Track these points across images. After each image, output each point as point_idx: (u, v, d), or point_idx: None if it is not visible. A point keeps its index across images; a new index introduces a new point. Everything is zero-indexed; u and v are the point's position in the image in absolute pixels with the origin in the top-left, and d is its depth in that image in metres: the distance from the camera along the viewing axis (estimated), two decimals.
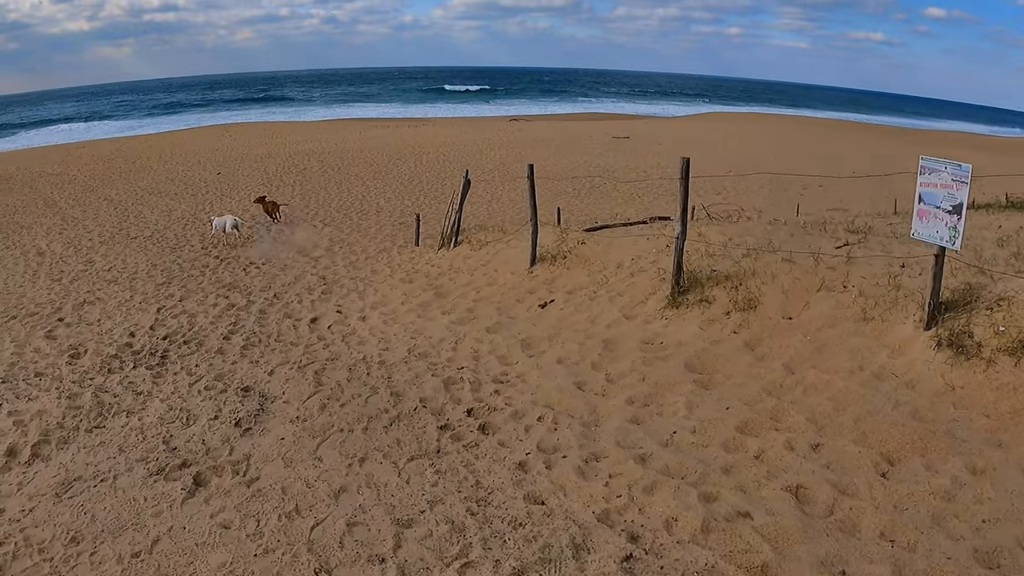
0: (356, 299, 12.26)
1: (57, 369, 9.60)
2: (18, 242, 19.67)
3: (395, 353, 9.14)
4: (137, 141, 47.32)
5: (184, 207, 22.93)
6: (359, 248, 16.54)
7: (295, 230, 18.55)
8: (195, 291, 13.35)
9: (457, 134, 43.44)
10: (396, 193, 24.37)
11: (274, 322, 11.10)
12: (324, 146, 37.75)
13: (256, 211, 20.75)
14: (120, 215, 22.40)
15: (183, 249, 17.32)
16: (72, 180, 30.54)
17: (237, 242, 17.94)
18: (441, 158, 32.19)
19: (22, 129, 65.55)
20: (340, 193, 24.35)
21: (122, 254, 17.24)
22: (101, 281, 14.76)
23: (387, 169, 29.35)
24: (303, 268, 14.82)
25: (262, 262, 15.43)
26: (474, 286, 11.92)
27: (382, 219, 20.12)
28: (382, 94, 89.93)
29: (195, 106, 79.12)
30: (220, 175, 29.27)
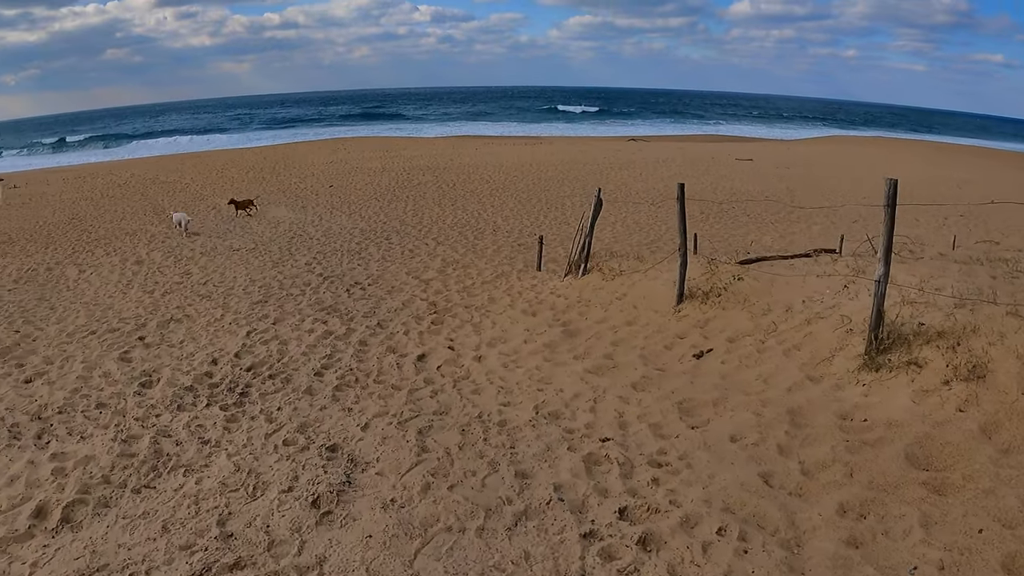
0: (471, 332, 10.69)
1: (122, 401, 8.39)
2: (119, 249, 19.20)
3: (519, 410, 7.46)
4: (252, 153, 48.03)
5: (292, 219, 22.14)
6: (475, 271, 15.06)
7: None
8: (291, 313, 12.11)
9: (574, 153, 41.89)
10: (513, 212, 22.92)
11: (375, 357, 9.63)
12: (439, 162, 36.90)
13: (231, 210, 23.72)
14: (226, 225, 21.79)
15: (285, 264, 16.27)
16: (184, 188, 30.57)
17: (189, 232, 20.74)
18: (559, 177, 30.62)
19: (142, 139, 68.34)
20: (455, 210, 23.10)
21: (221, 267, 16.35)
22: (194, 296, 13.78)
23: (504, 187, 28.01)
24: (412, 292, 13.41)
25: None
26: (610, 325, 10.17)
27: (499, 239, 18.66)
28: (496, 112, 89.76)
29: (310, 121, 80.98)
30: (332, 188, 28.62)
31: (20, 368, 10.05)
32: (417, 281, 14.31)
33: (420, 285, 13.97)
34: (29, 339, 11.54)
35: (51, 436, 7.52)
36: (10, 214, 26.87)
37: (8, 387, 9.25)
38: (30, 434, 7.61)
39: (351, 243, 18.44)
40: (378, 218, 21.98)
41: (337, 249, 17.76)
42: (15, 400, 8.71)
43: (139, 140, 67.82)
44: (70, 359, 10.24)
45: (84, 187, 33.33)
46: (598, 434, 6.73)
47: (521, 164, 35.37)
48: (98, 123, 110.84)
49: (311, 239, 19.16)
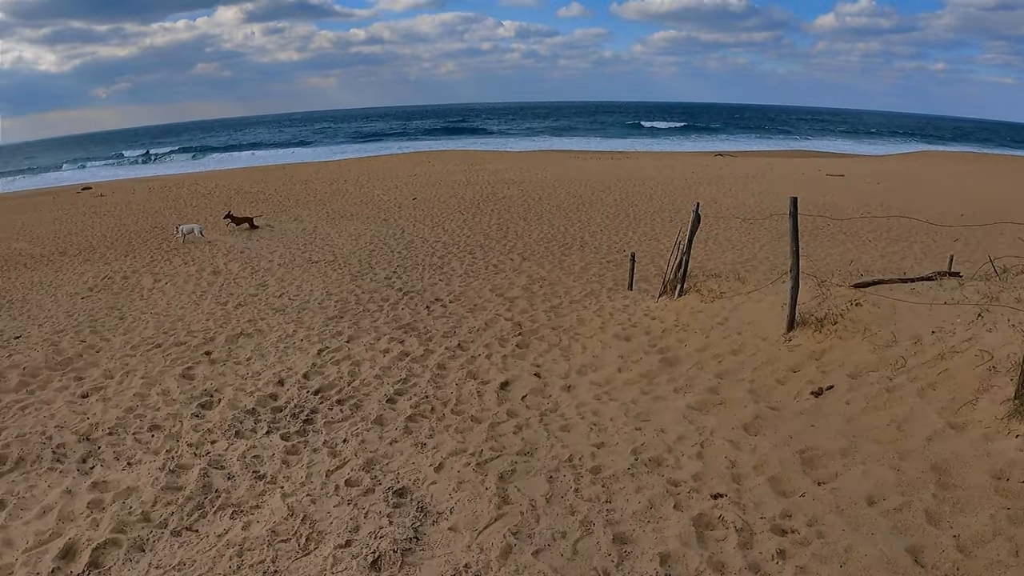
0: (559, 358, 9.75)
1: (177, 423, 7.77)
2: (197, 258, 18.98)
3: (614, 454, 6.49)
4: (336, 165, 48.33)
5: (374, 232, 21.64)
6: (562, 289, 14.14)
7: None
8: (367, 331, 11.41)
9: (660, 167, 40.58)
10: (601, 227, 21.93)
11: (454, 383, 8.79)
12: (524, 176, 36.18)
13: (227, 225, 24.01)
14: (307, 236, 21.44)
15: (364, 278, 15.67)
16: (266, 199, 30.60)
17: (199, 241, 21.57)
18: (646, 192, 29.46)
19: (228, 151, 69.92)
20: (540, 224, 22.25)
21: (298, 279, 15.86)
22: (268, 309, 13.26)
23: (590, 201, 27.02)
24: (496, 311, 12.57)
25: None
26: (713, 353, 9.10)
27: (587, 255, 17.72)
28: (580, 127, 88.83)
29: (395, 135, 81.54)
30: (416, 200, 28.15)
31: (79, 381, 9.60)
32: (501, 299, 13.48)
33: (504, 303, 13.13)
34: (93, 350, 11.15)
35: (96, 460, 6.93)
36: (95, 222, 27.26)
37: (63, 402, 8.79)
38: (75, 457, 7.05)
39: (433, 257, 17.78)
40: (462, 231, 21.33)
41: (418, 263, 17.12)
42: (67, 417, 8.20)
43: (225, 152, 69.35)
44: (130, 374, 9.74)
45: (168, 197, 33.80)
46: (709, 488, 5.71)
47: (607, 178, 34.34)
48: (185, 135, 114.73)
49: (392, 252, 18.59)
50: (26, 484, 6.52)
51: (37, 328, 13.05)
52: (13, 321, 13.92)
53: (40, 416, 8.34)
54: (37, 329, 12.97)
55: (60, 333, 12.47)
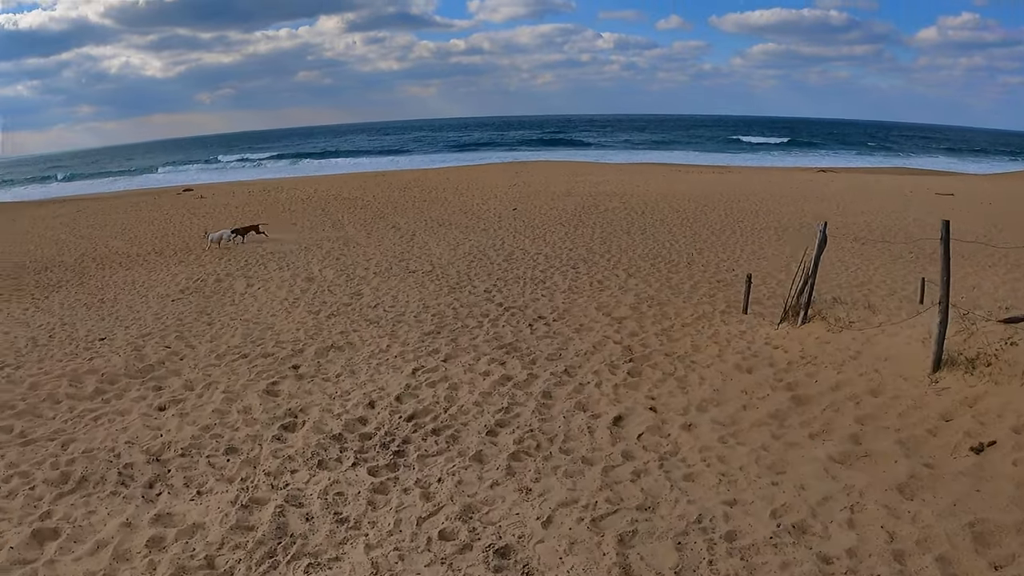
0: (675, 390, 8.70)
1: (257, 446, 7.09)
2: (292, 263, 18.66)
3: (750, 516, 5.45)
4: (435, 173, 48.20)
5: (473, 242, 20.97)
6: (672, 310, 13.06)
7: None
8: (465, 349, 10.60)
9: (763, 183, 38.69)
10: (707, 243, 20.67)
11: (561, 415, 7.85)
12: (625, 188, 35.10)
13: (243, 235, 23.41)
14: (404, 245, 20.93)
15: (463, 290, 14.94)
16: (365, 206, 30.41)
17: (228, 247, 21.91)
18: (751, 208, 27.93)
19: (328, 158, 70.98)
20: (644, 239, 21.16)
21: (394, 289, 15.25)
22: (362, 320, 12.64)
23: (695, 216, 25.74)
24: (603, 332, 11.59)
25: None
26: (849, 393, 7.91)
27: (695, 273, 16.56)
28: (680, 141, 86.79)
29: (493, 144, 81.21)
30: (516, 211, 27.43)
31: (157, 392, 9.10)
32: (608, 319, 12.50)
33: (612, 324, 12.15)
34: (176, 357, 10.70)
35: (164, 486, 6.30)
36: (192, 223, 27.49)
37: (138, 414, 8.27)
38: (141, 480, 6.44)
39: (535, 270, 16.93)
40: (563, 244, 20.44)
41: (519, 276, 16.29)
42: (139, 432, 7.65)
43: (325, 159, 70.30)
44: (212, 386, 9.19)
45: (267, 200, 34.06)
46: (868, 568, 4.64)
47: (710, 193, 32.90)
48: (286, 141, 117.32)
49: (492, 264, 17.84)
50: (85, 509, 5.93)
51: (124, 330, 12.76)
52: (101, 321, 13.72)
53: (112, 429, 7.83)
54: (123, 332, 12.69)
55: (146, 337, 12.13)
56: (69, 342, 12.28)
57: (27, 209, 41.06)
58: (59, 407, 8.79)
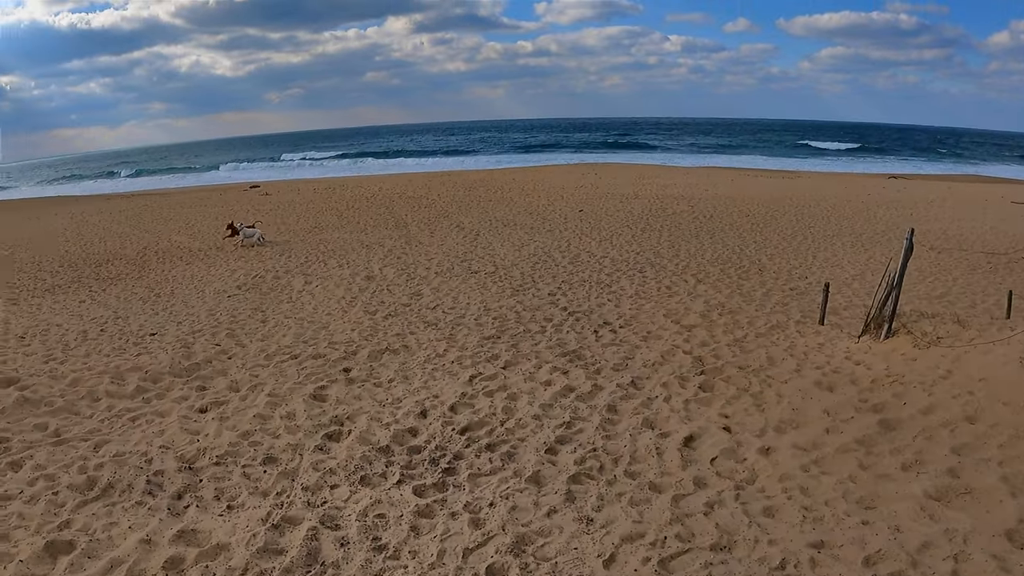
0: (751, 407, 7.95)
1: (297, 457, 6.61)
2: (353, 261, 18.31)
3: (841, 563, 4.75)
4: (501, 173, 47.70)
5: (538, 243, 20.38)
6: (744, 319, 12.26)
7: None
8: (527, 355, 10.01)
9: (833, 188, 36.92)
10: (779, 249, 19.68)
11: (627, 432, 7.19)
12: (692, 191, 34.05)
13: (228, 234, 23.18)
14: (468, 245, 20.43)
15: (526, 292, 14.35)
16: (429, 205, 30.05)
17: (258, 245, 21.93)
18: (822, 213, 26.60)
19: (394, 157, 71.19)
20: (713, 243, 20.27)
21: (455, 290, 14.74)
22: (419, 322, 12.15)
23: (764, 220, 24.65)
24: (672, 341, 10.88)
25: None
26: (943, 418, 7.07)
27: (767, 280, 15.68)
28: (747, 145, 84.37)
29: (560, 146, 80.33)
30: (582, 212, 26.74)
31: (200, 392, 8.72)
32: (677, 327, 11.77)
33: (681, 332, 11.42)
34: (225, 356, 10.35)
35: (193, 498, 5.85)
36: (256, 220, 27.44)
37: (176, 416, 7.87)
38: (170, 490, 6.01)
39: (600, 274, 16.26)
40: (630, 247, 19.71)
41: (585, 280, 15.64)
42: (175, 436, 7.24)
43: (390, 159, 70.52)
44: (257, 388, 8.78)
45: (332, 198, 33.97)
46: None
47: (779, 198, 31.59)
48: (352, 140, 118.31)
49: (557, 266, 17.22)
50: (107, 520, 5.52)
51: (175, 326, 12.50)
52: (155, 316, 13.51)
53: (148, 431, 7.45)
54: (175, 327, 12.43)
55: (196, 334, 11.83)
56: (119, 336, 12.06)
57: (94, 203, 41.80)
58: (97, 405, 8.48)
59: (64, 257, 21.99)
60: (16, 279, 18.90)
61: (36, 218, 34.17)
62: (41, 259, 21.96)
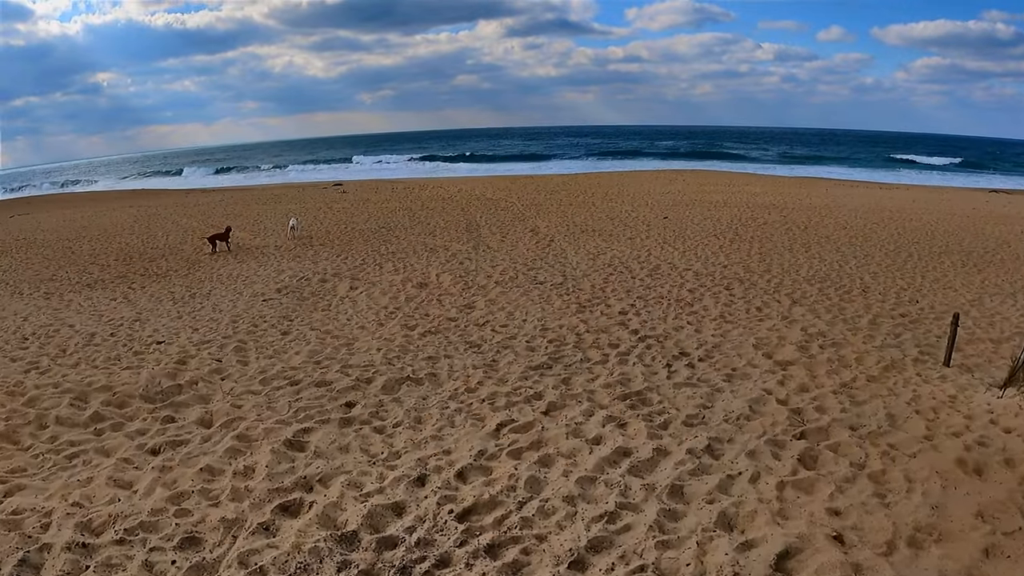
0: (870, 498, 5.56)
1: (227, 540, 4.75)
2: (411, 265, 16.60)
3: None
4: (584, 178, 45.46)
5: (615, 252, 18.21)
6: (851, 354, 9.83)
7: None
8: (577, 396, 7.91)
9: (935, 201, 32.94)
10: (882, 266, 16.93)
11: (692, 538, 4.91)
12: (784, 200, 31.15)
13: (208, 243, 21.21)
14: (539, 251, 18.42)
15: (594, 310, 12.26)
16: (506, 208, 28.15)
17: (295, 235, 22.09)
18: (925, 228, 23.29)
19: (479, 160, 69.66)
20: (809, 258, 17.66)
21: (513, 303, 12.78)
22: (461, 343, 10.28)
23: (863, 234, 21.71)
24: (763, 383, 8.58)
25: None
26: None
27: (872, 303, 13.12)
28: (841, 157, 79.52)
29: (646, 153, 77.15)
30: (667, 219, 24.38)
31: (164, 425, 7.01)
32: (769, 363, 9.43)
33: (773, 371, 9.08)
34: (217, 376, 8.61)
35: None
36: (325, 218, 26.02)
37: (116, 459, 6.09)
38: None
39: (682, 289, 14.01)
40: (716, 260, 17.34)
41: (663, 296, 13.42)
42: (98, 490, 5.53)
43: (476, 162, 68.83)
44: (230, 425, 6.97)
45: (408, 198, 32.47)
46: None
47: (877, 209, 28.33)
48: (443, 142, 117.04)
49: (633, 279, 15.04)
50: None
51: (189, 333, 10.94)
52: (176, 320, 12.07)
53: (73, 479, 5.71)
54: (188, 335, 10.86)
55: (204, 344, 10.19)
56: (124, 343, 10.54)
57: (172, 197, 41.45)
58: (40, 435, 6.85)
59: (122, 251, 20.93)
60: (64, 272, 17.81)
61: (112, 211, 33.66)
62: (99, 252, 20.99)
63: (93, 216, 31.73)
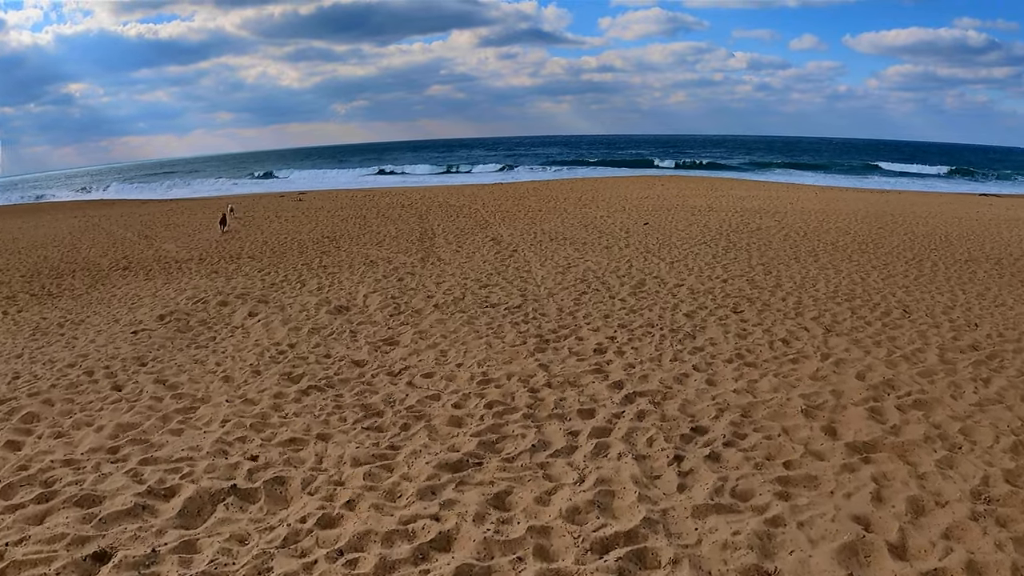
0: None
1: None
2: (338, 283, 13.03)
3: None
4: (557, 183, 41.73)
5: (589, 263, 14.53)
6: (948, 421, 6.09)
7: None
8: (517, 540, 4.23)
9: (936, 206, 29.12)
10: (910, 279, 12.96)
11: None
12: (774, 205, 27.57)
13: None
14: (498, 263, 14.72)
15: (559, 345, 8.61)
16: (469, 215, 24.42)
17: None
18: (939, 232, 19.44)
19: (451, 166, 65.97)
20: (822, 268, 13.95)
21: (451, 336, 9.22)
22: (354, 407, 6.80)
23: (872, 240, 17.96)
24: (839, 490, 4.90)
25: None
26: None
27: (924, 329, 9.28)
28: (819, 163, 75.97)
29: (625, 162, 73.11)
30: (648, 226, 20.69)
31: None
32: (840, 448, 5.56)
33: (853, 466, 5.20)
34: None
35: None
36: (267, 227, 22.17)
37: None
38: None
39: (675, 313, 10.34)
40: (712, 272, 13.67)
41: (652, 322, 9.74)
42: None
43: (444, 171, 64.69)
44: None
45: (365, 206, 28.67)
46: None
47: (877, 214, 24.46)
48: (420, 153, 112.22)
49: (613, 298, 11.35)
50: None
51: (44, 373, 7.14)
52: (9, 362, 8.41)
53: None
54: (45, 372, 7.07)
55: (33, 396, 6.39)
56: None
57: (125, 207, 37.23)
58: None
59: (34, 265, 17.23)
60: None
61: (54, 221, 29.66)
62: (9, 266, 17.23)
63: (32, 227, 27.80)
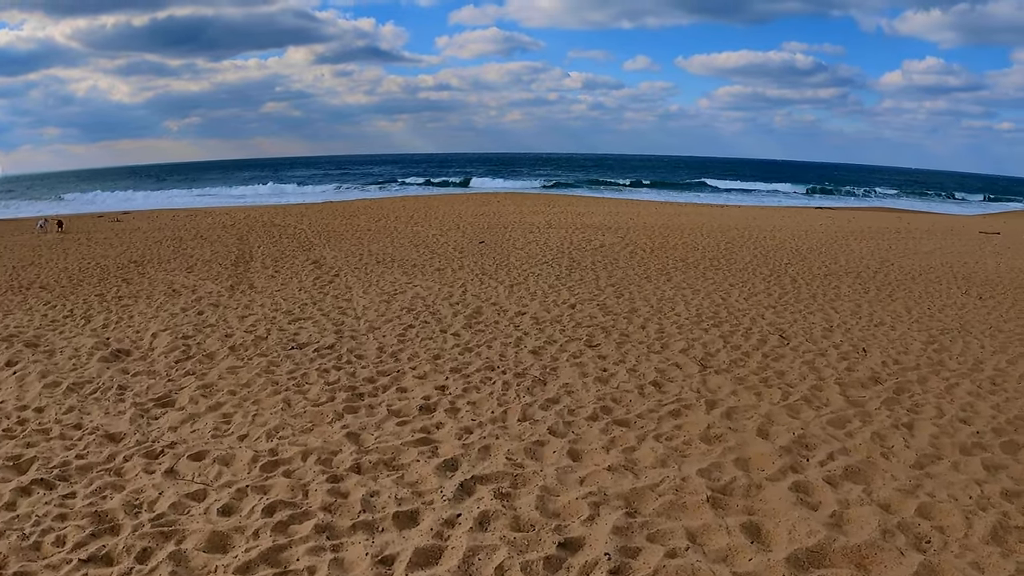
0: None
1: None
2: (126, 317, 10.27)
3: None
4: (390, 201, 39.44)
5: (419, 288, 12.62)
6: (884, 490, 4.81)
7: None
8: None
9: (777, 219, 29.75)
10: (773, 297, 12.16)
11: None
12: (616, 221, 26.86)
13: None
14: (316, 291, 12.53)
15: (375, 403, 6.74)
16: (292, 235, 21.88)
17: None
18: (788, 245, 19.26)
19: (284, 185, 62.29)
20: (677, 288, 12.77)
21: (240, 392, 7.29)
22: (76, 515, 4.28)
23: (723, 256, 17.21)
24: None
25: None
26: None
27: (810, 359, 8.21)
28: (655, 179, 77.88)
29: (459, 182, 71.63)
30: (483, 244, 19.02)
31: None
32: (751, 549, 4.04)
33: None
34: None
35: None
36: (71, 252, 18.73)
37: None
38: None
39: (520, 350, 8.61)
40: (558, 295, 12.13)
41: (492, 364, 7.96)
42: None
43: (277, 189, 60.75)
44: None
45: (186, 226, 25.27)
46: None
47: (721, 228, 24.38)
48: (252, 171, 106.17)
49: (445, 332, 9.50)
50: None
51: None
52: None
53: None
54: None
55: None
56: None
57: None
58: None
59: None
60: None
61: None
62: None
63: None
